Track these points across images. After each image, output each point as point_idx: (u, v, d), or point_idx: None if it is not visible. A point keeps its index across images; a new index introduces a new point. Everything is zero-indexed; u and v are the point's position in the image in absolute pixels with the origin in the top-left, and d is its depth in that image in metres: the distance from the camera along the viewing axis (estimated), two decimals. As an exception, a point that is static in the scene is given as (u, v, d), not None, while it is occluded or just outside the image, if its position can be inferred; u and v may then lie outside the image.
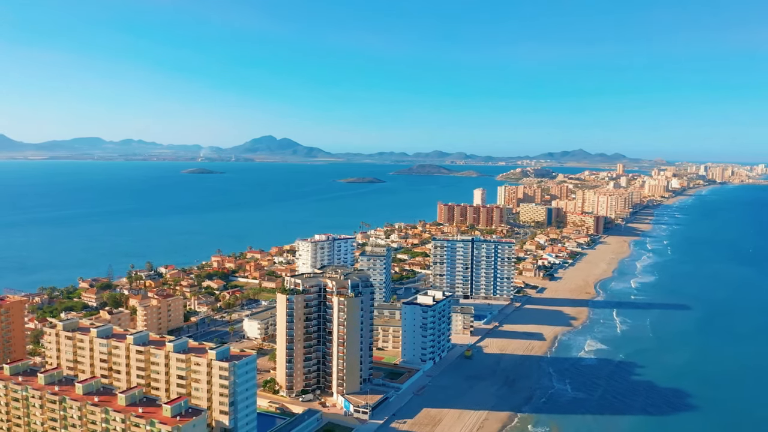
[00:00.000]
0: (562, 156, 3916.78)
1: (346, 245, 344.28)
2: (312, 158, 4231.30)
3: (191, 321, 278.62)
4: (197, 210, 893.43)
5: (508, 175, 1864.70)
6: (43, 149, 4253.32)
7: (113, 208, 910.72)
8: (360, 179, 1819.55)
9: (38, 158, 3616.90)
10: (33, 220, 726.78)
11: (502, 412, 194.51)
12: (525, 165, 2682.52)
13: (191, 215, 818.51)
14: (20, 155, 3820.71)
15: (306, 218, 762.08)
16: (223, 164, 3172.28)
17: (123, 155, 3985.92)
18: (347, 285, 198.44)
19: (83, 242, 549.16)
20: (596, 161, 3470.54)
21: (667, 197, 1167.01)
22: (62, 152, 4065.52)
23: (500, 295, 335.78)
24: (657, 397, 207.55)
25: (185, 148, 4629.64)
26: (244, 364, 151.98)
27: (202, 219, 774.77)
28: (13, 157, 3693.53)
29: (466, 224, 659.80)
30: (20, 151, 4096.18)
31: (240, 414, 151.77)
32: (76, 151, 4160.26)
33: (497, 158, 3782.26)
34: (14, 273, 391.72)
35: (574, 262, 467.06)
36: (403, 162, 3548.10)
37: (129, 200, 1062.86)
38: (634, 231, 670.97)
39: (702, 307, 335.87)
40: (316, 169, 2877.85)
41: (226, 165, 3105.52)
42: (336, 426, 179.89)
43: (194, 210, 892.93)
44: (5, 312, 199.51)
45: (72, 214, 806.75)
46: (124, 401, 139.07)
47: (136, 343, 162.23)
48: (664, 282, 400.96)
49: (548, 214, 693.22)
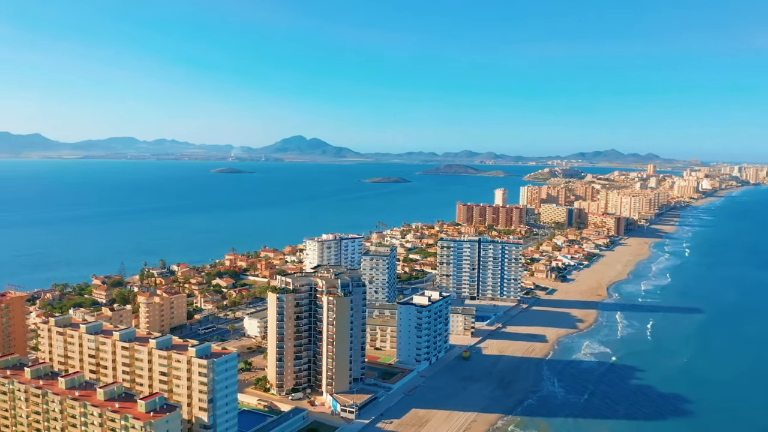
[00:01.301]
0: (594, 156, 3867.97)
1: (353, 245, 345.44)
2: (341, 158, 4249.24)
3: (195, 318, 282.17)
4: (221, 209, 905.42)
5: (535, 176, 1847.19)
6: (78, 148, 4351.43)
7: (139, 206, 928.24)
8: (385, 179, 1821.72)
9: (73, 157, 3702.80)
10: (60, 218, 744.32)
11: (491, 414, 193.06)
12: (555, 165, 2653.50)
13: (214, 214, 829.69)
14: (55, 154, 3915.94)
15: (326, 217, 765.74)
16: (252, 164, 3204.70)
17: (155, 155, 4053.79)
18: (337, 284, 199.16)
19: (104, 240, 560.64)
20: (629, 161, 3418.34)
21: (696, 198, 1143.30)
22: (97, 151, 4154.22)
23: (507, 297, 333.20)
24: (651, 402, 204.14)
25: (217, 147, 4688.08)
26: (223, 362, 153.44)
27: (224, 218, 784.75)
28: (49, 156, 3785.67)
29: (485, 225, 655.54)
30: (56, 150, 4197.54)
31: (219, 411, 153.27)
32: (111, 151, 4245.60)
33: (527, 158, 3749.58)
34: (33, 269, 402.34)
35: (590, 264, 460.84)
36: (431, 162, 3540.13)
37: (155, 199, 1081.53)
38: (657, 233, 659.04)
39: (713, 310, 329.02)
40: (344, 169, 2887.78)
41: (256, 165, 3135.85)
42: (321, 425, 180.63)
43: (218, 209, 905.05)
44: (6, 308, 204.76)
45: (98, 212, 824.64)
46: (103, 396, 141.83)
47: (122, 340, 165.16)
48: (678, 285, 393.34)
49: (569, 215, 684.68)
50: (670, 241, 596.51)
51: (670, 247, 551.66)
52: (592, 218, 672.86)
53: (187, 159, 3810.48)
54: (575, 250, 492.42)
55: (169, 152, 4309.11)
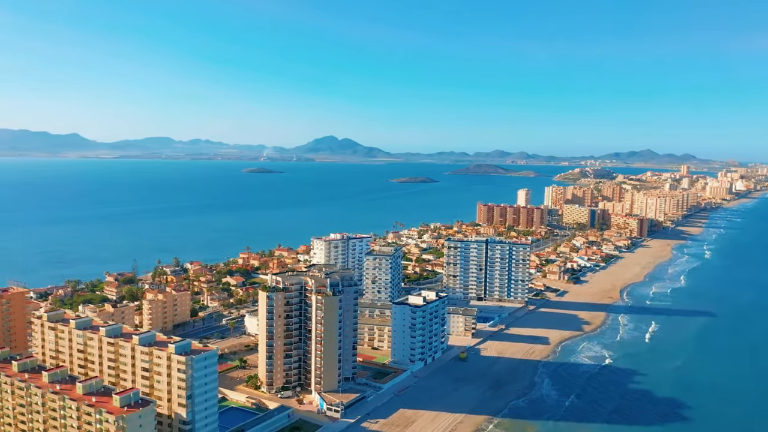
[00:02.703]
0: (629, 156, 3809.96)
1: (361, 244, 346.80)
2: (371, 158, 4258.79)
3: (199, 316, 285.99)
4: (245, 208, 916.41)
5: (566, 176, 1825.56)
6: (115, 148, 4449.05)
7: (165, 205, 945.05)
8: (412, 179, 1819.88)
9: (109, 157, 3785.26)
10: (89, 216, 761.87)
11: (479, 416, 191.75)
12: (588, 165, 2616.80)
13: (238, 213, 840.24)
14: (92, 154, 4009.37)
15: (345, 216, 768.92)
16: (283, 164, 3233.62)
17: (189, 155, 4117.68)
18: (326, 284, 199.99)
19: (125, 238, 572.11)
20: (664, 162, 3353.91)
21: (728, 200, 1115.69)
22: (133, 151, 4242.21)
23: (514, 298, 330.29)
24: (647, 406, 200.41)
25: (250, 147, 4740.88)
26: (202, 359, 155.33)
27: (246, 216, 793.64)
28: (86, 155, 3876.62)
29: (505, 225, 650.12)
30: (93, 150, 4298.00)
31: (198, 407, 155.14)
32: (146, 150, 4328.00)
33: (560, 158, 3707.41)
34: (51, 266, 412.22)
35: (607, 266, 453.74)
36: (461, 162, 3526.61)
37: (183, 198, 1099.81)
38: (682, 234, 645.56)
39: (727, 314, 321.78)
40: (373, 168, 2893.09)
41: (287, 165, 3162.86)
42: (305, 423, 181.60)
43: (242, 208, 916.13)
44: (6, 303, 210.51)
45: (126, 211, 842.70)
46: (82, 390, 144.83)
47: (108, 336, 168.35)
48: (695, 287, 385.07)
49: (591, 216, 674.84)
50: (694, 243, 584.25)
51: (692, 249, 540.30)
52: (615, 219, 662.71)
53: (220, 159, 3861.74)
54: (593, 252, 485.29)
55: (203, 152, 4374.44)
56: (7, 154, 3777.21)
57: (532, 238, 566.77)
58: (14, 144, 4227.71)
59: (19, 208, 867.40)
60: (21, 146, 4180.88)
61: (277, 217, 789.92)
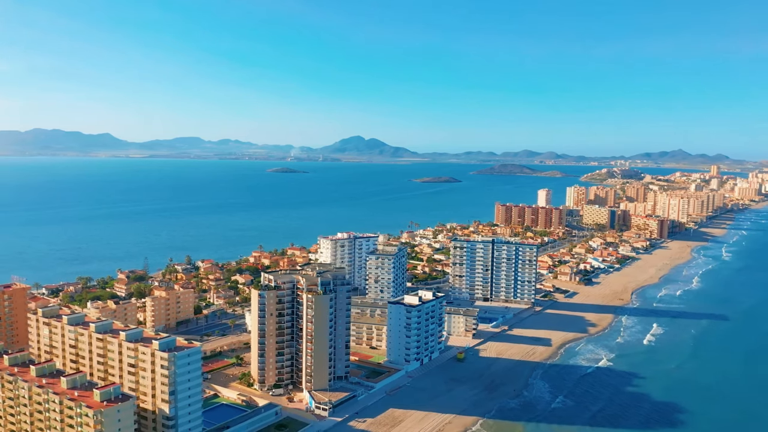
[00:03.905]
0: (660, 156, 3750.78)
1: (367, 244, 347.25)
2: (397, 158, 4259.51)
3: (203, 313, 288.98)
4: (264, 207, 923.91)
5: (592, 176, 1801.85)
6: (145, 148, 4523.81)
7: (187, 204, 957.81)
8: (435, 179, 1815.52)
9: (139, 156, 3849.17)
10: (110, 215, 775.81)
11: (469, 417, 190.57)
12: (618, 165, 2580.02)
13: (256, 212, 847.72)
14: (123, 153, 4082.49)
15: (362, 216, 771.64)
16: (309, 164, 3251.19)
17: (218, 154, 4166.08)
18: (317, 282, 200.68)
19: (144, 236, 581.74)
20: (696, 162, 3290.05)
21: (757, 201, 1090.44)
22: (162, 151, 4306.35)
23: (521, 299, 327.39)
24: (632, 408, 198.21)
25: (278, 148, 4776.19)
26: (185, 355, 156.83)
27: (264, 216, 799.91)
28: (116, 155, 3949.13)
29: (523, 226, 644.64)
30: (123, 149, 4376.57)
31: (181, 403, 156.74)
32: (176, 150, 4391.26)
33: (590, 158, 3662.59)
34: (67, 263, 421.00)
35: (621, 267, 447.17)
36: (488, 161, 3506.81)
37: (204, 197, 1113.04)
38: (705, 236, 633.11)
39: (739, 318, 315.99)
40: (398, 168, 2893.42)
41: (312, 165, 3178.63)
42: (292, 421, 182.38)
43: (261, 207, 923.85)
44: (8, 299, 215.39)
45: (147, 209, 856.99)
46: (66, 384, 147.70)
47: (97, 332, 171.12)
48: (710, 290, 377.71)
49: (611, 217, 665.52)
50: (715, 244, 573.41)
51: (712, 251, 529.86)
52: (635, 220, 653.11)
53: (248, 159, 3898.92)
54: (608, 253, 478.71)
55: (231, 152, 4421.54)
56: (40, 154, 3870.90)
57: (549, 238, 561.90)
58: (48, 143, 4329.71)
59: (47, 206, 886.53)
60: (54, 146, 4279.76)
61: (295, 216, 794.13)
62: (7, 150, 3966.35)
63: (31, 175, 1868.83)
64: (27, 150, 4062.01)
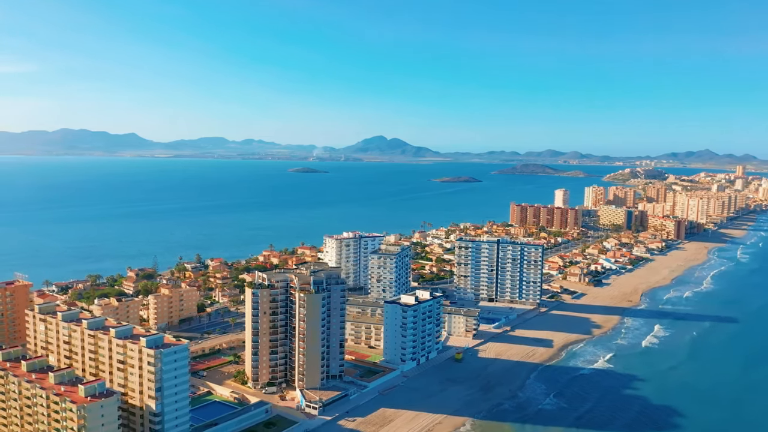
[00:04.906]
0: (687, 156, 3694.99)
1: (373, 243, 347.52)
2: (419, 158, 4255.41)
3: (206, 311, 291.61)
4: (281, 207, 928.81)
5: (615, 176, 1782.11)
6: (170, 148, 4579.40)
7: (205, 203, 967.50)
8: (454, 179, 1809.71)
9: (164, 156, 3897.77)
10: (128, 213, 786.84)
11: (460, 417, 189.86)
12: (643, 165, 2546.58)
13: (273, 211, 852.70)
14: (148, 153, 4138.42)
15: (377, 215, 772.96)
16: (331, 164, 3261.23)
17: (241, 154, 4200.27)
18: (310, 281, 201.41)
19: (159, 234, 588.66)
20: (723, 162, 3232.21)
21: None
22: (187, 150, 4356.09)
23: (526, 299, 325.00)
24: (631, 411, 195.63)
25: (301, 148, 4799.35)
26: (171, 352, 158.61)
27: (280, 215, 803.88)
28: (141, 155, 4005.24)
29: (537, 226, 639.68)
30: (149, 149, 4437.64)
31: (168, 400, 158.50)
32: (200, 150, 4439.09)
33: (614, 158, 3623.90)
34: (80, 260, 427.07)
35: (634, 268, 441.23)
36: (511, 161, 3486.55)
37: (223, 196, 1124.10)
38: (723, 237, 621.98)
39: (747, 319, 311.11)
40: (419, 168, 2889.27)
41: (334, 164, 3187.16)
42: (282, 419, 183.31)
43: (278, 207, 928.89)
44: (10, 295, 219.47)
45: (166, 209, 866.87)
46: (54, 380, 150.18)
47: (89, 328, 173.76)
48: (723, 292, 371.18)
49: (628, 217, 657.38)
50: (733, 246, 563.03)
51: (728, 252, 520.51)
52: (652, 221, 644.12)
53: (271, 158, 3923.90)
54: (621, 254, 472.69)
55: (255, 152, 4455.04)
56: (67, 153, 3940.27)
57: (563, 239, 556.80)
58: (74, 143, 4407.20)
59: (69, 205, 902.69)
60: (81, 145, 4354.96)
61: (310, 216, 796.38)
62: (36, 150, 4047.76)
63: (57, 174, 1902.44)
64: (54, 150, 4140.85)
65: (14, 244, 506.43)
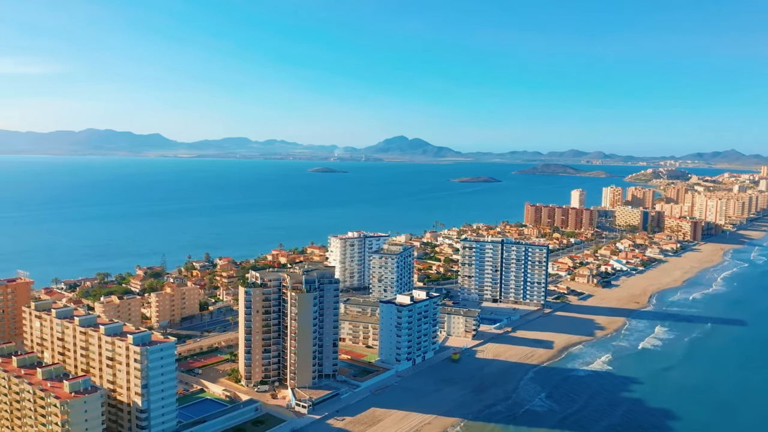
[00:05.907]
0: (713, 157, 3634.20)
1: (378, 243, 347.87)
2: (440, 158, 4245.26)
3: (209, 310, 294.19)
4: (297, 206, 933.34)
5: (637, 176, 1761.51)
6: (193, 148, 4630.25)
7: (223, 203, 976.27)
8: (474, 179, 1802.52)
9: (187, 156, 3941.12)
10: (148, 212, 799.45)
11: (450, 418, 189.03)
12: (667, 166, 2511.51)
13: (288, 211, 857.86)
14: (172, 153, 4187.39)
15: (392, 215, 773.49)
16: (351, 164, 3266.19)
17: (263, 154, 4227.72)
18: (302, 280, 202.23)
19: (172, 233, 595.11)
20: (750, 163, 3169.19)
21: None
22: (210, 150, 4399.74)
23: (530, 300, 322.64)
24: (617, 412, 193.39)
25: (322, 148, 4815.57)
26: (158, 350, 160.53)
27: (294, 215, 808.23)
28: (165, 155, 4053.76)
29: (552, 226, 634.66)
30: (173, 149, 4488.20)
31: (154, 396, 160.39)
32: (223, 150, 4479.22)
33: (638, 158, 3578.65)
34: (91, 259, 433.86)
35: (645, 270, 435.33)
36: (533, 161, 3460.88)
37: (242, 196, 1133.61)
38: (741, 238, 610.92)
39: (753, 321, 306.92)
40: (440, 168, 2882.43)
41: (354, 164, 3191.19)
42: (270, 417, 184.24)
43: (295, 206, 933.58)
44: (11, 292, 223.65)
45: (184, 208, 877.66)
46: (41, 375, 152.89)
47: (81, 325, 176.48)
48: (734, 294, 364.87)
49: (644, 218, 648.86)
50: (750, 247, 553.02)
51: (744, 254, 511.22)
52: (668, 222, 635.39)
53: (292, 159, 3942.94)
54: (633, 255, 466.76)
55: (277, 152, 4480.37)
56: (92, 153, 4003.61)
57: (576, 239, 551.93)
58: (99, 143, 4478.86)
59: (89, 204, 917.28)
60: (106, 146, 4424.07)
61: (324, 215, 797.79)
62: (62, 150, 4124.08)
63: (83, 174, 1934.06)
64: (81, 150, 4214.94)
65: (30, 242, 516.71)
